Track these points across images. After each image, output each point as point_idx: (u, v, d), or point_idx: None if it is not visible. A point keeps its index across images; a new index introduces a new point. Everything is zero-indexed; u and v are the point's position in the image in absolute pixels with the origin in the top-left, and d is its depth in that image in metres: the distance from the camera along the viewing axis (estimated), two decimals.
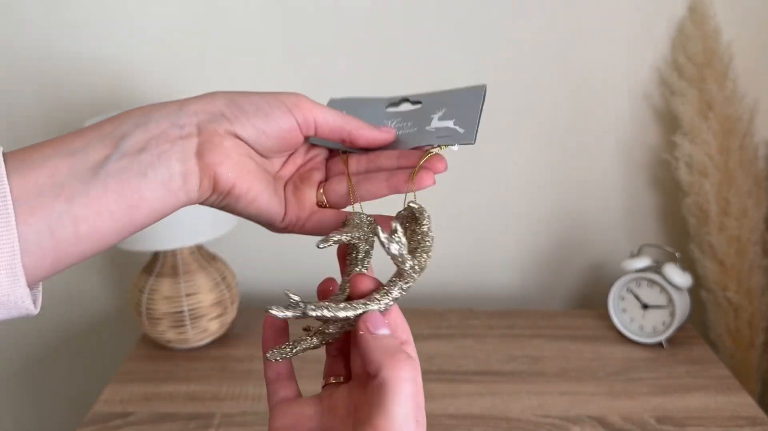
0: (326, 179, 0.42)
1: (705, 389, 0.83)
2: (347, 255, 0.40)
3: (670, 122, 0.99)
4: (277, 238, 1.08)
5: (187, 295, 0.90)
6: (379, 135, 0.40)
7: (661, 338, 0.91)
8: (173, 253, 0.91)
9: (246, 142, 0.37)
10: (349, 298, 0.36)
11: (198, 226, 0.86)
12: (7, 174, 0.30)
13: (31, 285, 0.32)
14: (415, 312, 1.04)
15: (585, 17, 0.95)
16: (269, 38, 0.95)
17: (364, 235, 0.39)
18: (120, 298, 1.13)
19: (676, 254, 0.94)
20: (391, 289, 0.35)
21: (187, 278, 0.90)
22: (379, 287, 0.36)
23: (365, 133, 0.40)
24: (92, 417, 0.80)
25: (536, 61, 0.97)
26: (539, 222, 1.07)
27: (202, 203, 0.37)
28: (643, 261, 0.94)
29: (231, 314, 0.95)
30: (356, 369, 0.37)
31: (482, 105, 0.41)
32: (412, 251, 0.37)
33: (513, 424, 0.77)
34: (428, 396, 0.84)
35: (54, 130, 1.00)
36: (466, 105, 0.42)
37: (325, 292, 0.39)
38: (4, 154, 0.32)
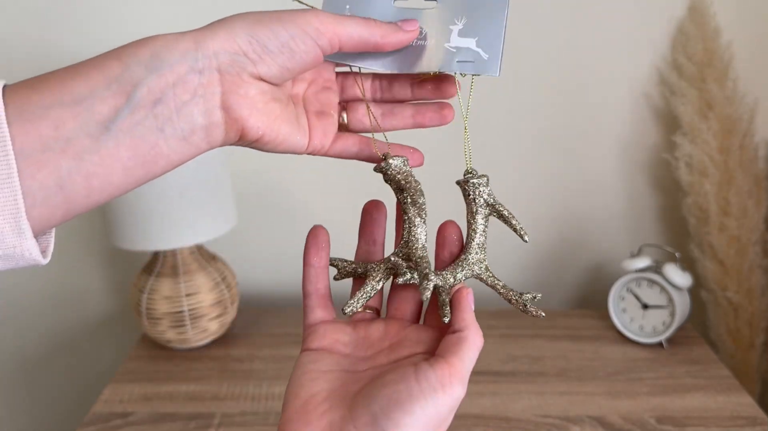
0: (344, 100, 0.41)
1: (705, 389, 0.83)
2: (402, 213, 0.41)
3: (670, 122, 0.99)
4: (278, 238, 1.08)
5: (187, 295, 0.90)
6: (405, 36, 0.37)
7: (661, 338, 0.91)
8: (173, 253, 0.91)
9: (269, 82, 0.34)
10: (408, 247, 0.40)
11: (198, 226, 0.86)
12: (8, 124, 0.28)
13: (41, 233, 0.32)
14: None
15: (585, 17, 0.95)
16: None
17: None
18: (120, 298, 1.13)
19: (676, 254, 0.94)
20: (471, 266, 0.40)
21: (187, 278, 0.90)
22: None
23: (392, 39, 0.36)
24: (92, 417, 0.80)
25: (536, 61, 0.97)
26: (539, 222, 1.07)
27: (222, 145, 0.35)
28: (643, 261, 0.94)
29: (231, 314, 0.95)
30: (400, 312, 0.40)
31: (506, 20, 0.37)
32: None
33: (513, 424, 0.77)
34: None
35: None
36: (489, 16, 0.37)
37: (372, 211, 0.42)
38: (4, 95, 0.29)
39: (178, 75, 0.31)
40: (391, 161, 0.39)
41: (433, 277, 0.37)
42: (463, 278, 0.39)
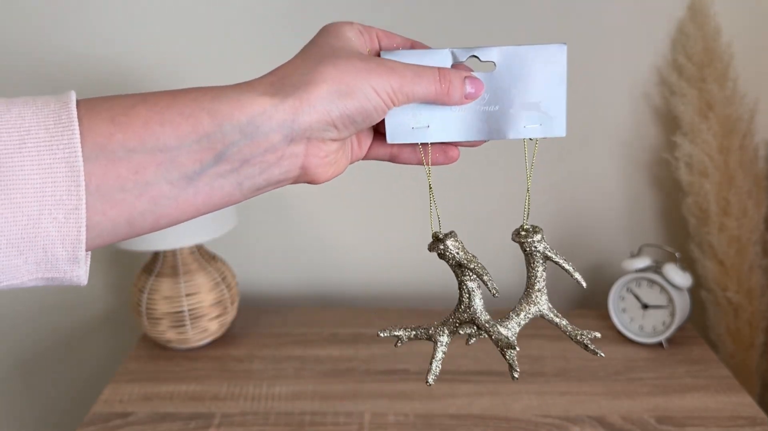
0: None
1: (705, 389, 0.83)
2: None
3: (670, 122, 0.99)
4: (278, 238, 1.08)
5: (187, 295, 0.90)
6: (470, 98, 0.38)
7: (661, 338, 0.91)
8: (173, 253, 0.91)
9: (342, 141, 0.36)
10: (470, 313, 0.44)
11: (198, 226, 0.86)
12: (85, 160, 0.29)
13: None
14: (415, 312, 1.04)
15: (585, 17, 0.95)
16: (274, 32, 0.95)
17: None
18: (120, 298, 1.13)
19: (676, 254, 0.94)
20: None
21: (187, 278, 0.90)
22: None
23: (456, 99, 0.37)
24: (92, 417, 0.80)
25: None
26: (539, 222, 1.06)
27: None
28: (643, 261, 0.94)
29: (231, 314, 0.95)
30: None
31: (565, 79, 0.38)
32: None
33: (513, 424, 0.77)
34: (428, 396, 0.85)
35: None
36: (549, 77, 0.38)
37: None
38: (79, 119, 0.29)
39: (271, 143, 0.32)
40: (448, 243, 0.40)
41: (513, 341, 0.43)
42: (527, 321, 0.43)
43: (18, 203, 0.28)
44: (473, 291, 0.42)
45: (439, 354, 0.42)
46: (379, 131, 0.40)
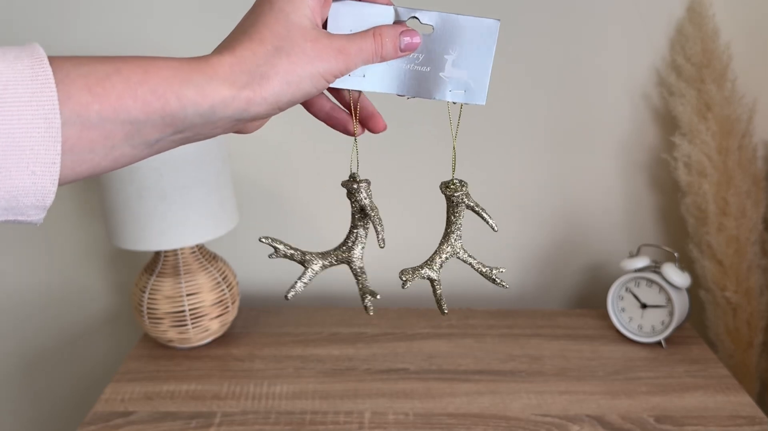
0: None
1: (704, 388, 0.83)
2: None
3: (668, 122, 1.00)
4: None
5: (188, 295, 0.90)
6: (411, 45, 0.41)
7: (660, 337, 0.92)
8: (174, 253, 0.91)
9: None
10: (349, 254, 0.50)
11: (199, 226, 0.86)
12: (63, 123, 0.31)
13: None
14: (415, 312, 1.04)
15: (584, 18, 0.96)
16: None
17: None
18: (121, 298, 1.13)
19: (675, 254, 0.95)
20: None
21: (188, 278, 0.91)
22: None
23: (390, 53, 0.40)
24: (93, 416, 0.80)
25: (536, 62, 0.98)
26: (539, 221, 1.07)
27: None
28: (642, 261, 0.94)
29: (232, 313, 0.95)
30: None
31: (493, 53, 0.41)
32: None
33: (512, 423, 0.77)
34: (428, 395, 0.85)
35: None
36: (480, 49, 0.41)
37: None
38: (56, 79, 0.31)
39: (222, 124, 0.36)
40: (361, 185, 0.46)
41: (422, 272, 0.47)
42: (445, 262, 0.47)
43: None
44: (360, 238, 0.48)
45: (306, 278, 0.47)
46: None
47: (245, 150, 1.03)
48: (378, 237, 0.46)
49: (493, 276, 0.46)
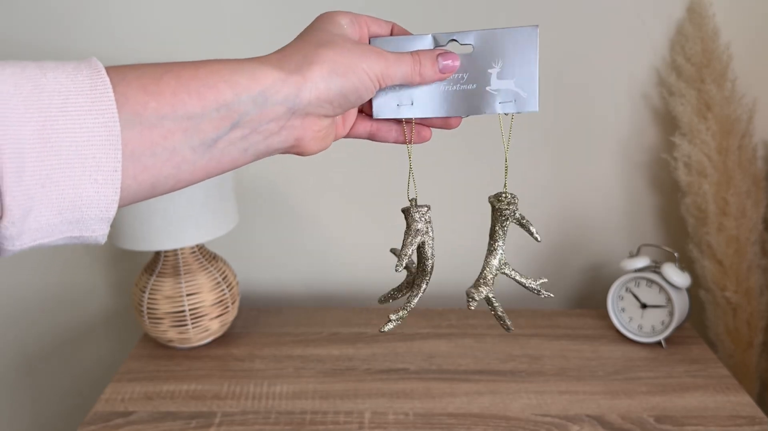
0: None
1: (704, 388, 0.83)
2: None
3: (668, 122, 1.00)
4: (278, 238, 1.09)
5: (188, 295, 0.90)
6: (442, 77, 0.42)
7: (660, 337, 0.92)
8: (174, 253, 0.91)
9: (333, 117, 0.40)
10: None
11: (199, 226, 0.86)
12: (122, 126, 0.31)
13: None
14: (415, 312, 1.04)
15: (584, 18, 0.96)
16: (270, 32, 0.96)
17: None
18: (121, 298, 1.13)
19: (675, 254, 0.95)
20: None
21: (188, 278, 0.91)
22: None
23: (429, 79, 0.41)
24: (93, 416, 0.80)
25: None
26: (539, 222, 1.07)
27: None
28: (642, 261, 0.94)
29: (232, 313, 0.96)
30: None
31: (537, 58, 0.41)
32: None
33: (512, 423, 0.77)
34: (428, 395, 0.85)
35: None
36: (523, 57, 0.41)
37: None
38: (115, 93, 0.31)
39: (276, 114, 0.36)
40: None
41: (483, 290, 0.45)
42: (494, 278, 0.46)
43: (64, 164, 0.29)
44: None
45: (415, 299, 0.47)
46: (360, 110, 0.45)
47: None
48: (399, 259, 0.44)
49: (538, 288, 0.45)
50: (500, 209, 0.44)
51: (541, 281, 0.45)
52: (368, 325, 1.00)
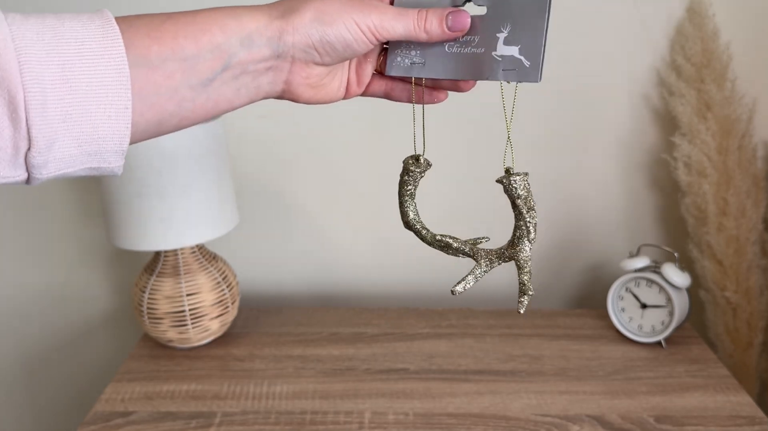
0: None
1: (704, 388, 0.83)
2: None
3: (668, 123, 1.00)
4: (278, 238, 1.09)
5: (188, 295, 0.90)
6: (449, 36, 0.41)
7: (660, 337, 0.92)
8: (174, 253, 0.91)
9: (327, 67, 0.41)
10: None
11: (199, 226, 0.86)
12: (130, 69, 0.35)
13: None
14: (415, 312, 1.04)
15: (584, 18, 0.96)
16: None
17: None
18: (121, 298, 1.13)
19: (675, 254, 0.95)
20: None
21: (188, 278, 0.91)
22: None
23: (435, 37, 0.41)
24: (93, 416, 0.80)
25: None
26: (539, 222, 1.07)
27: None
28: (641, 261, 0.94)
29: (232, 313, 0.96)
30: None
31: (547, 27, 0.39)
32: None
33: (512, 423, 0.77)
34: (428, 395, 0.85)
35: None
36: (531, 24, 0.39)
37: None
38: (121, 29, 0.35)
39: (263, 55, 0.38)
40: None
41: (531, 292, 0.44)
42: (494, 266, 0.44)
43: (81, 102, 0.33)
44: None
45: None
46: (378, 71, 0.45)
47: (245, 150, 1.03)
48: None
49: (523, 292, 0.44)
50: (504, 185, 0.43)
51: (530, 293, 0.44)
52: (368, 325, 1.00)
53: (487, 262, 0.44)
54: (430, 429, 0.77)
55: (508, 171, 0.43)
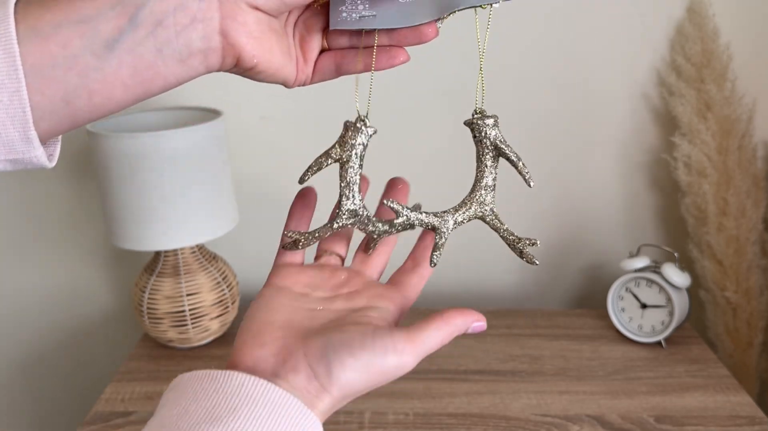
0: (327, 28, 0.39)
1: (704, 388, 0.83)
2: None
3: (668, 123, 1.00)
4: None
5: (189, 295, 0.90)
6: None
7: (660, 337, 0.92)
8: (174, 253, 0.91)
9: (266, 13, 0.35)
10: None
11: (199, 226, 0.86)
12: (19, 42, 0.31)
13: (49, 141, 0.35)
14: (415, 312, 1.04)
15: (584, 18, 0.96)
16: None
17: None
18: (121, 298, 1.13)
19: (675, 254, 0.95)
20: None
21: (188, 278, 0.91)
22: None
23: None
24: (94, 415, 0.80)
25: (535, 62, 0.98)
26: (539, 221, 1.07)
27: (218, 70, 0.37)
28: (641, 261, 0.94)
29: (232, 313, 0.96)
30: (365, 265, 0.46)
31: None
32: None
33: (512, 423, 0.78)
34: (428, 395, 0.85)
35: None
36: None
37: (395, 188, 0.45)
38: (16, 11, 0.31)
39: (179, 1, 0.32)
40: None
41: (441, 226, 0.39)
42: (465, 220, 0.40)
43: None
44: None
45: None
46: (324, 49, 0.40)
47: (245, 150, 1.03)
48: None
49: (521, 247, 0.39)
50: (471, 127, 0.38)
51: (530, 242, 0.40)
52: None
53: (452, 224, 0.40)
54: (430, 429, 0.77)
55: (478, 112, 0.39)
